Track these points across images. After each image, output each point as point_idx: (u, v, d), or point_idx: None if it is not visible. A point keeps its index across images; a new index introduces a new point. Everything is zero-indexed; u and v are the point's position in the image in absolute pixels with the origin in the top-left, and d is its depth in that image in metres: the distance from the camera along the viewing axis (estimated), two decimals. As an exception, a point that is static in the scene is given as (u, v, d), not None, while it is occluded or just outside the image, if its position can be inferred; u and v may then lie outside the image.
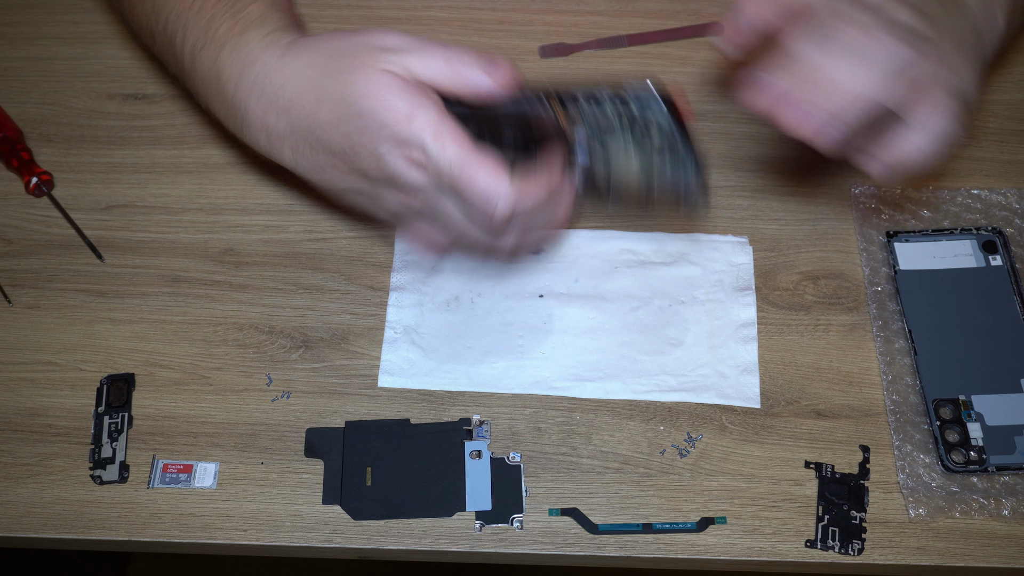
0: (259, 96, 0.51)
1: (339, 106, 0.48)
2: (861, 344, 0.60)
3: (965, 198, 0.65)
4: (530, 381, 0.59)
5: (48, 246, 0.64)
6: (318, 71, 0.49)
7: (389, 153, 0.48)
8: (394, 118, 0.47)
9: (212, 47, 0.53)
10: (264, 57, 0.51)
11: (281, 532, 0.54)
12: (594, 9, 0.75)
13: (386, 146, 0.47)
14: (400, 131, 0.47)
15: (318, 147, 0.50)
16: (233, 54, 0.52)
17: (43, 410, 0.58)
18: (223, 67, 0.52)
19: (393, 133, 0.47)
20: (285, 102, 0.50)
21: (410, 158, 0.47)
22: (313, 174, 0.52)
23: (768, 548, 0.54)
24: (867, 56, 0.47)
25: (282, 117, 0.51)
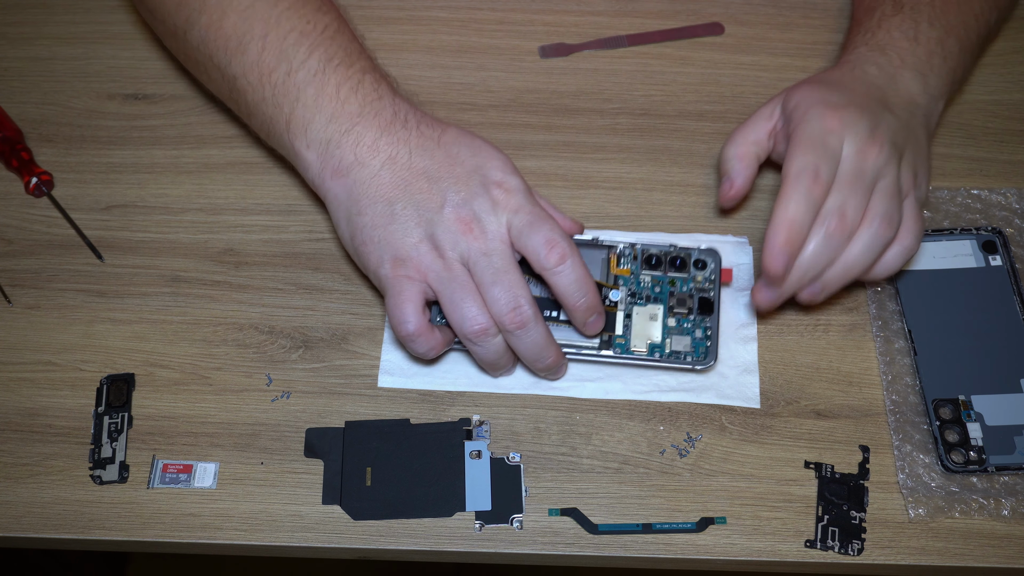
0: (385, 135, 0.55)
1: (459, 133, 0.56)
2: (861, 344, 0.60)
3: (965, 198, 0.65)
4: (530, 381, 0.59)
5: (48, 246, 0.64)
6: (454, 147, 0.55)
7: (487, 175, 0.54)
8: (508, 158, 0.55)
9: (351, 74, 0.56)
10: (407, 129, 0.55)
11: (281, 532, 0.54)
12: (594, 9, 0.75)
13: (491, 171, 0.54)
14: (510, 165, 0.55)
15: (416, 170, 0.54)
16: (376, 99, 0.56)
17: (43, 410, 0.58)
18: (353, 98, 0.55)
19: (501, 166, 0.54)
20: None
21: (500, 190, 0.53)
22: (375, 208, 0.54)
23: (768, 548, 0.54)
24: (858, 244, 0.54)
25: None
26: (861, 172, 0.53)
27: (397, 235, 0.53)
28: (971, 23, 0.62)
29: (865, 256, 0.54)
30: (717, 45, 0.73)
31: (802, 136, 0.54)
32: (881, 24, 0.61)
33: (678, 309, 0.58)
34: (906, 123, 0.56)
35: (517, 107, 0.70)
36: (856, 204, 0.53)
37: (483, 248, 0.52)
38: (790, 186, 0.53)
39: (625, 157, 0.68)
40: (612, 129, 0.69)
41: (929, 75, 0.59)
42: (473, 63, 0.72)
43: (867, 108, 0.55)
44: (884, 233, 0.54)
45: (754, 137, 0.59)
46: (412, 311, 0.53)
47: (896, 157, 0.55)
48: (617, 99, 0.71)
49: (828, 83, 0.58)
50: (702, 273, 0.59)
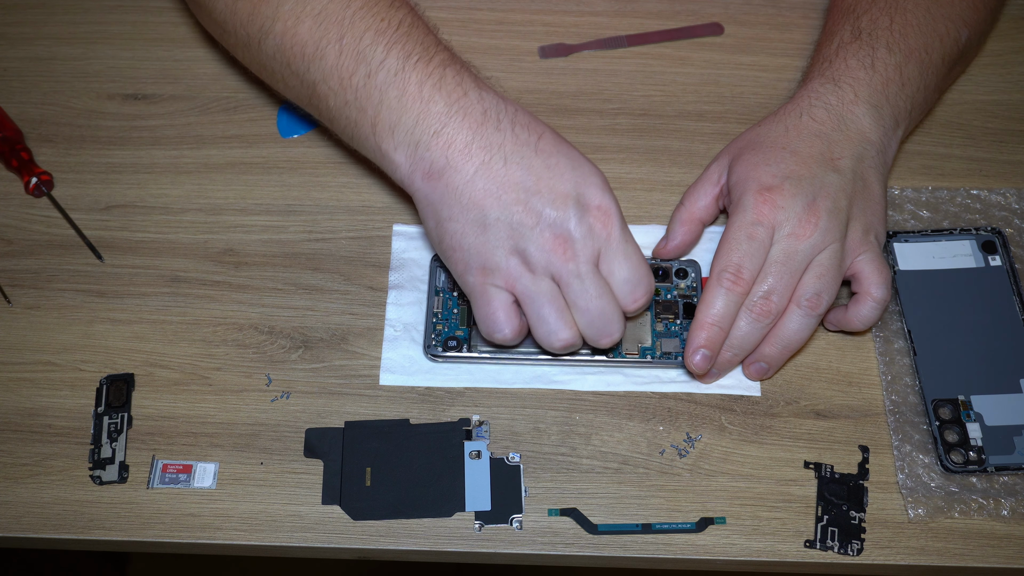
0: None
1: (556, 140, 0.54)
2: (860, 344, 0.60)
3: (965, 198, 0.65)
4: (531, 376, 0.59)
5: (48, 246, 0.64)
6: None
7: (585, 197, 0.52)
8: (603, 175, 0.54)
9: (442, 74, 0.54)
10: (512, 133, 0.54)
11: (281, 532, 0.55)
12: (594, 9, 0.75)
13: (589, 190, 0.52)
14: (607, 185, 0.53)
15: (512, 181, 0.52)
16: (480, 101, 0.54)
17: (43, 410, 0.58)
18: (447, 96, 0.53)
19: (599, 184, 0.53)
20: None
21: (595, 216, 0.52)
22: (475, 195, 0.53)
23: (767, 548, 0.54)
24: (789, 327, 0.56)
25: None
26: (792, 255, 0.55)
27: (488, 246, 0.52)
28: (934, 44, 0.61)
29: (799, 333, 0.56)
30: (717, 45, 0.73)
31: (730, 231, 0.56)
32: (839, 52, 0.60)
33: (664, 315, 0.60)
34: (853, 176, 0.57)
35: (517, 107, 0.70)
36: (783, 288, 0.55)
37: (576, 271, 0.52)
38: (712, 286, 0.56)
39: (625, 157, 0.68)
40: (612, 129, 0.69)
41: (884, 106, 0.59)
42: (473, 63, 0.72)
43: (805, 179, 0.55)
44: (814, 309, 0.55)
45: (702, 203, 0.61)
46: (504, 319, 0.53)
47: (838, 226, 0.55)
48: (617, 99, 0.71)
49: (770, 148, 0.58)
50: (684, 281, 0.61)
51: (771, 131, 0.59)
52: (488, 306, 0.54)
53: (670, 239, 0.62)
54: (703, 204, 0.61)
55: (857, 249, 0.56)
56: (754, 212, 0.55)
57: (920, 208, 0.65)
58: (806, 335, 0.56)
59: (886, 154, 0.60)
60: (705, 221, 0.62)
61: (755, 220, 0.55)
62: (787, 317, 0.56)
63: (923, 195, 0.65)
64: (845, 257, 0.56)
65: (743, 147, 0.60)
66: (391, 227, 0.65)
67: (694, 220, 0.61)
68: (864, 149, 0.58)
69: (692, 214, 0.61)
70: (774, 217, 0.55)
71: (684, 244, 0.62)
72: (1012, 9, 0.75)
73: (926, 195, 0.65)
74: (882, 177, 0.59)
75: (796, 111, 0.59)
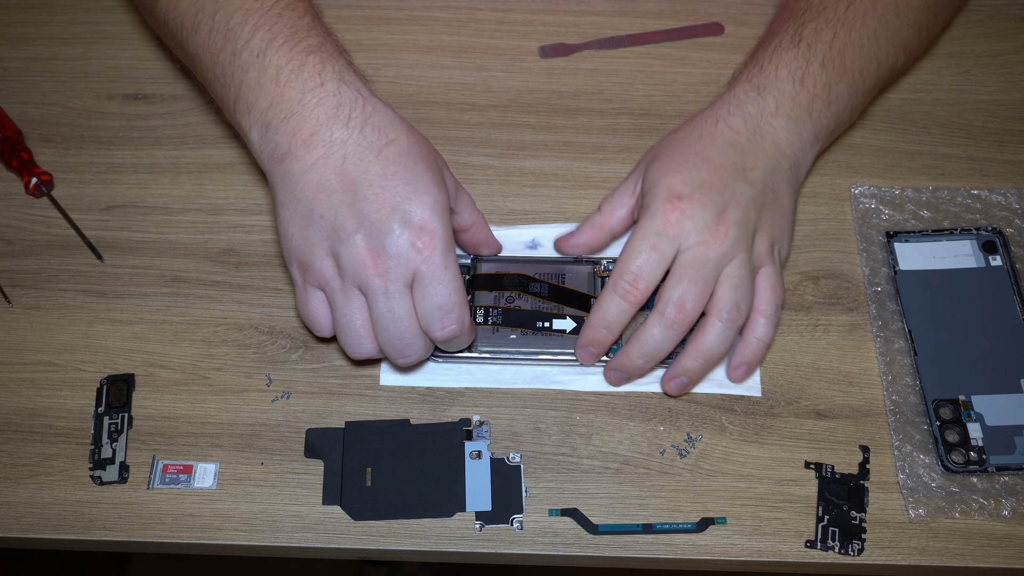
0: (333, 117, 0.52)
1: (406, 150, 0.53)
2: (861, 344, 0.60)
3: (965, 198, 0.65)
4: (531, 376, 0.59)
5: (48, 246, 0.64)
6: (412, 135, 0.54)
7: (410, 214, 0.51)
8: (443, 196, 0.52)
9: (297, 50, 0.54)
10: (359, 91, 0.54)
11: (281, 532, 0.54)
12: (594, 9, 0.75)
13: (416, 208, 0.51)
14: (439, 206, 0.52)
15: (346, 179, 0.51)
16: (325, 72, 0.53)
17: (43, 410, 0.58)
18: (296, 75, 0.53)
19: (430, 204, 0.51)
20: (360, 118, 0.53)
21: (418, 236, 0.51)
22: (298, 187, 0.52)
23: (768, 548, 0.54)
24: (707, 338, 0.55)
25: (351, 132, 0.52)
26: (703, 263, 0.54)
27: (308, 241, 0.52)
28: (870, 67, 0.60)
29: (720, 346, 0.55)
30: (717, 45, 0.73)
31: (635, 238, 0.55)
32: (772, 58, 0.59)
33: None
34: (763, 187, 0.56)
35: (517, 107, 0.70)
36: (697, 294, 0.54)
37: (383, 288, 0.51)
38: (608, 291, 0.55)
39: (625, 157, 0.68)
40: (612, 129, 0.69)
41: (805, 121, 0.57)
42: (473, 63, 0.72)
43: (716, 189, 0.54)
44: (735, 321, 0.55)
45: (617, 214, 0.60)
46: (324, 318, 0.54)
47: (746, 236, 0.54)
48: (617, 99, 0.71)
49: (683, 155, 0.56)
50: None
51: (685, 137, 0.58)
52: (306, 305, 0.54)
53: (574, 236, 0.61)
54: (618, 215, 0.60)
55: (760, 262, 0.56)
56: (661, 221, 0.54)
57: (920, 208, 0.65)
58: (726, 348, 0.56)
59: (799, 168, 0.59)
60: (616, 232, 0.60)
61: (660, 230, 0.54)
62: (707, 331, 0.55)
63: (923, 195, 0.65)
64: (752, 270, 0.55)
65: (657, 154, 0.58)
66: None
67: (604, 228, 0.60)
68: (778, 162, 0.57)
69: (604, 222, 0.60)
70: (681, 227, 0.54)
71: (585, 247, 0.61)
72: (1012, 9, 0.75)
73: (926, 195, 0.65)
74: (793, 191, 0.58)
75: (713, 118, 0.58)
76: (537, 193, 0.66)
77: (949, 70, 0.72)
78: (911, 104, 0.70)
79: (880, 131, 0.69)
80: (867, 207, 0.65)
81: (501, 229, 0.64)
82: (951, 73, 0.72)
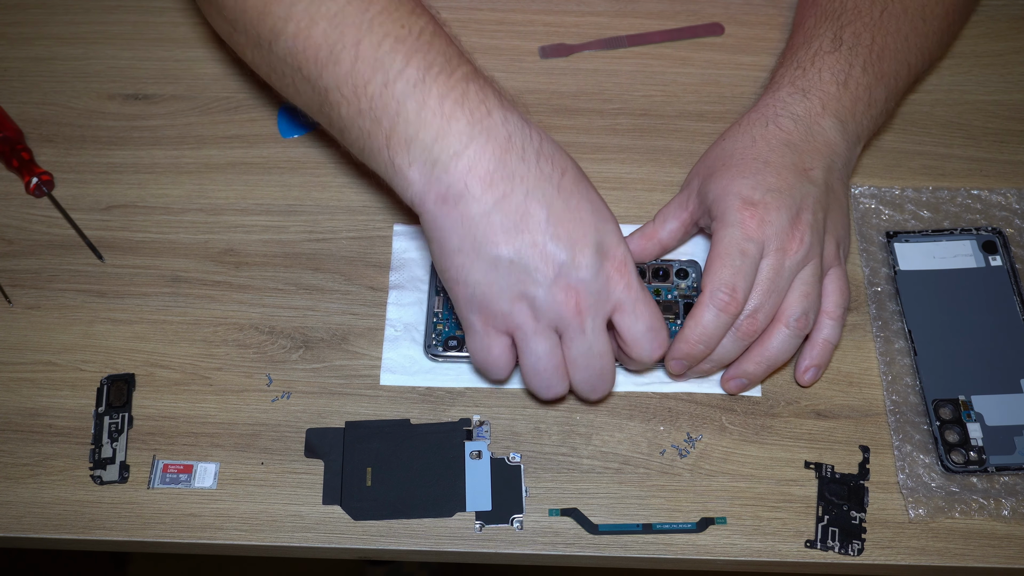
0: None
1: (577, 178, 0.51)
2: (861, 344, 0.61)
3: (965, 198, 0.65)
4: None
5: (48, 246, 0.64)
6: None
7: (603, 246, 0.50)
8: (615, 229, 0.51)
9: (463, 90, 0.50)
10: None
11: (281, 532, 0.54)
12: (594, 9, 0.75)
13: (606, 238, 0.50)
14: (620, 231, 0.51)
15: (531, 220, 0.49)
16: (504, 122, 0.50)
17: (43, 410, 0.58)
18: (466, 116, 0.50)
19: (614, 231, 0.51)
20: None
21: (613, 266, 0.50)
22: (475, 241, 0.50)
23: (768, 548, 0.54)
24: (776, 344, 0.56)
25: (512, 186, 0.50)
26: (779, 272, 0.54)
27: (495, 288, 0.49)
28: (903, 72, 0.62)
29: (784, 353, 0.56)
30: (717, 45, 0.73)
31: (721, 247, 0.54)
32: (814, 62, 0.59)
33: (665, 315, 0.60)
34: (825, 187, 0.56)
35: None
36: (770, 307, 0.54)
37: (581, 327, 0.50)
38: (705, 304, 0.54)
39: (625, 157, 0.68)
40: (612, 129, 0.69)
41: (849, 122, 0.58)
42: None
43: (785, 191, 0.54)
44: (802, 330, 0.55)
45: (669, 226, 0.60)
46: (504, 365, 0.53)
47: (818, 239, 0.55)
48: (617, 99, 0.71)
49: (742, 160, 0.56)
50: (685, 282, 0.61)
51: (738, 143, 0.58)
52: (488, 352, 0.52)
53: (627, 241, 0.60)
54: (670, 228, 0.60)
55: (828, 264, 0.56)
56: (742, 228, 0.54)
57: (921, 208, 0.65)
58: (791, 354, 0.56)
59: (849, 167, 0.60)
60: (665, 244, 0.61)
61: (745, 236, 0.54)
62: (774, 336, 0.55)
63: (923, 195, 0.65)
64: (822, 273, 0.56)
65: (712, 164, 0.58)
66: (392, 227, 0.65)
67: (654, 238, 0.60)
68: (832, 160, 0.57)
69: (656, 233, 0.60)
70: (762, 232, 0.54)
71: (635, 254, 0.61)
72: (1012, 9, 0.75)
73: (926, 195, 0.65)
74: (847, 188, 0.59)
75: (762, 120, 0.58)
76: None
77: (949, 70, 0.72)
78: (911, 104, 0.70)
79: (880, 131, 0.69)
80: (867, 207, 0.65)
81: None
82: (951, 73, 0.72)
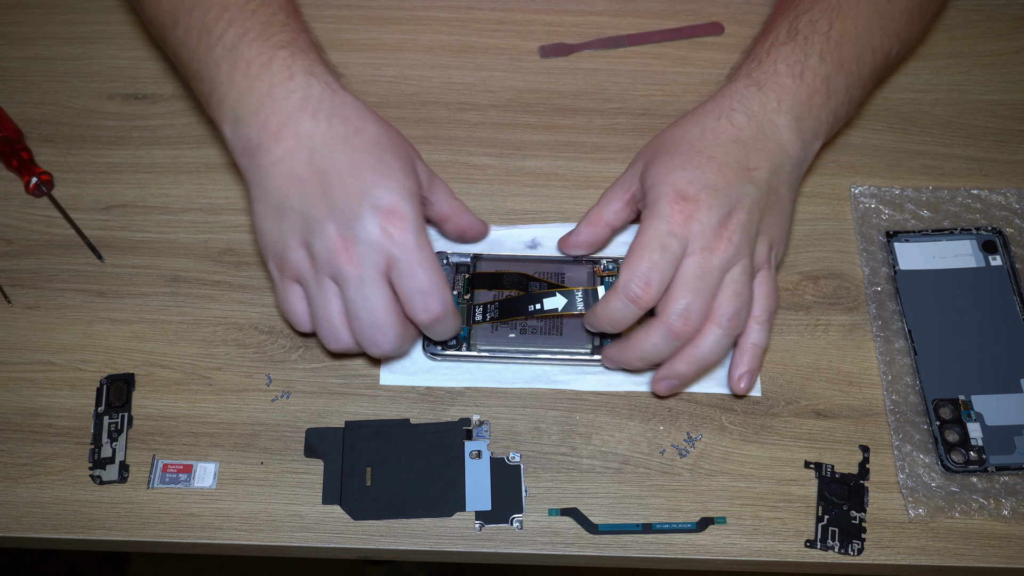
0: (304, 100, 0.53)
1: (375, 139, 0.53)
2: (861, 344, 0.60)
3: (965, 198, 0.65)
4: (531, 375, 0.59)
5: (48, 246, 0.64)
6: None
7: (379, 200, 0.51)
8: (413, 183, 0.52)
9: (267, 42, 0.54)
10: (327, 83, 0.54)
11: (281, 532, 0.54)
12: (594, 9, 0.75)
13: (384, 193, 0.51)
14: (409, 192, 0.51)
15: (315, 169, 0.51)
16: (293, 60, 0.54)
17: (43, 410, 0.58)
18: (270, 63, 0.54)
19: (398, 189, 0.51)
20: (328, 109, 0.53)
21: (388, 220, 0.50)
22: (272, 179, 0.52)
23: (768, 548, 0.54)
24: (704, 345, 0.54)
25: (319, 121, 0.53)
26: (707, 271, 0.53)
27: (282, 235, 0.52)
28: (867, 57, 0.60)
29: (716, 353, 0.54)
30: (717, 45, 0.73)
31: (643, 239, 0.53)
32: (770, 53, 0.58)
33: None
34: (767, 188, 0.55)
35: (517, 107, 0.70)
36: (701, 306, 0.53)
37: (357, 276, 0.50)
38: (617, 293, 0.54)
39: (625, 157, 0.68)
40: (612, 129, 0.69)
41: (806, 117, 0.57)
42: (473, 63, 0.72)
43: (722, 190, 0.53)
44: (734, 330, 0.54)
45: (613, 207, 0.59)
46: (304, 314, 0.54)
47: (749, 241, 0.54)
48: (617, 99, 0.71)
49: (687, 152, 0.55)
50: None
51: (687, 132, 0.57)
52: (285, 301, 0.54)
53: (573, 234, 0.60)
54: (614, 208, 0.59)
55: (757, 266, 0.55)
56: (668, 222, 0.53)
57: (920, 208, 0.65)
58: (723, 355, 0.55)
59: (801, 167, 0.58)
60: (614, 225, 0.60)
61: (670, 230, 0.53)
62: (705, 336, 0.54)
63: (923, 195, 0.65)
64: (753, 273, 0.55)
65: (657, 149, 0.57)
66: None
67: (601, 222, 0.59)
68: (781, 162, 0.56)
69: (601, 216, 0.59)
70: (688, 229, 0.53)
71: (586, 243, 0.60)
72: (1012, 9, 0.75)
73: (926, 195, 0.65)
74: (794, 191, 0.58)
75: (715, 113, 0.57)
76: (537, 193, 0.66)
77: (949, 70, 0.72)
78: (911, 104, 0.70)
79: (880, 131, 0.69)
80: (867, 207, 0.65)
81: (501, 229, 0.64)
82: (951, 73, 0.72)
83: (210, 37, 0.55)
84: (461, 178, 0.66)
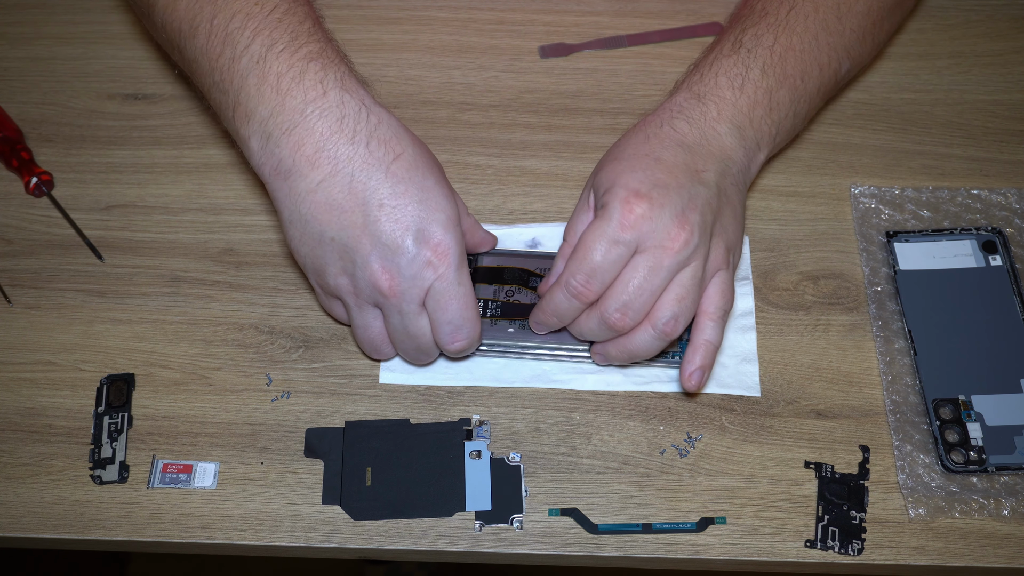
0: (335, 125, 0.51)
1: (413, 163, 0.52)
2: (861, 344, 0.61)
3: (965, 198, 0.65)
4: (530, 375, 0.59)
5: (48, 246, 0.64)
6: None
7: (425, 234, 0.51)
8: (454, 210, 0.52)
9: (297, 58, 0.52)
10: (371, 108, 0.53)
11: (281, 532, 0.54)
12: (594, 9, 0.75)
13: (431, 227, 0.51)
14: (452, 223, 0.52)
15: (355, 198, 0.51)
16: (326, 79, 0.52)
17: (43, 410, 0.58)
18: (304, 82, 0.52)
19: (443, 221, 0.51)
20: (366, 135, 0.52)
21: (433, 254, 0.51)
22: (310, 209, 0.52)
23: (768, 548, 0.54)
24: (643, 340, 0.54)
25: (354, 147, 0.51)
26: (656, 270, 0.52)
27: (320, 261, 0.52)
28: (813, 72, 0.59)
29: (645, 352, 0.54)
30: (717, 45, 0.73)
31: (592, 236, 0.53)
32: (712, 66, 0.57)
33: None
34: (717, 189, 0.54)
35: (517, 107, 0.70)
36: (641, 306, 0.52)
37: (399, 307, 0.52)
38: (560, 287, 0.54)
39: (625, 157, 0.68)
40: (612, 129, 0.69)
41: (747, 128, 0.56)
42: (473, 63, 0.72)
43: (673, 189, 0.53)
44: (668, 335, 0.53)
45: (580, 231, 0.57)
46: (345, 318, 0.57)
47: (704, 241, 0.53)
48: (617, 99, 0.71)
49: (633, 156, 0.55)
50: None
51: (631, 140, 0.56)
52: (330, 309, 0.58)
53: (551, 276, 0.57)
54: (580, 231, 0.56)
55: (715, 268, 0.54)
56: (621, 219, 0.52)
57: (920, 208, 0.65)
58: (652, 355, 0.55)
59: (747, 174, 0.58)
60: None
61: (621, 227, 0.52)
62: (638, 334, 0.53)
63: (923, 195, 0.65)
64: (704, 276, 0.54)
65: (604, 161, 0.57)
66: None
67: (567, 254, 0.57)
68: (727, 165, 0.55)
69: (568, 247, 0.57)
70: (640, 228, 0.52)
71: None
72: (1012, 9, 0.75)
73: (926, 195, 0.65)
74: (743, 196, 0.57)
75: (657, 121, 0.57)
76: (537, 193, 0.66)
77: (949, 70, 0.72)
78: (911, 104, 0.70)
79: (880, 131, 0.69)
80: (867, 207, 0.65)
81: (501, 228, 0.64)
82: (951, 73, 0.72)
83: (235, 47, 0.53)
84: (461, 178, 0.66)
